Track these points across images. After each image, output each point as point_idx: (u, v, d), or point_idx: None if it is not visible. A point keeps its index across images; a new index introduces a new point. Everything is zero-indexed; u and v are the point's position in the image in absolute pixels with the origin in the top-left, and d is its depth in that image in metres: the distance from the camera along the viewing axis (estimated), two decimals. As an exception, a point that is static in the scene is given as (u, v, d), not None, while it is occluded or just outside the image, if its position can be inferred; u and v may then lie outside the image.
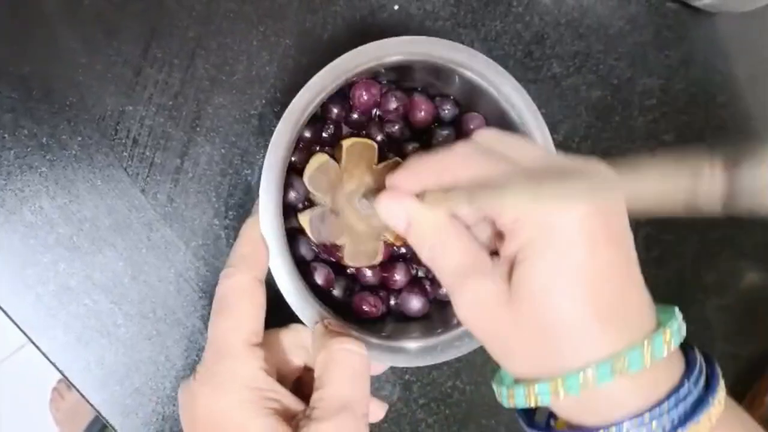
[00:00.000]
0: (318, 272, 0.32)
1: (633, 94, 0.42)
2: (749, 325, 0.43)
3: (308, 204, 0.33)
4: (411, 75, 0.34)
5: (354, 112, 0.34)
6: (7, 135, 0.35)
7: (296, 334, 0.31)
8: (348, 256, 0.33)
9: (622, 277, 0.23)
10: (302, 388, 0.31)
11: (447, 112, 0.35)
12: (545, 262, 0.23)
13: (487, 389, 0.40)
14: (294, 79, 0.37)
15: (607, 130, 0.42)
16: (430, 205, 0.26)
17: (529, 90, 0.32)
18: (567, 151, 0.41)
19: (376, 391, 0.39)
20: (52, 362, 0.35)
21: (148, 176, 0.36)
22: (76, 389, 0.35)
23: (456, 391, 0.40)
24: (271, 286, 0.30)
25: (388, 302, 0.34)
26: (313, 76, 0.30)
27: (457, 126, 0.35)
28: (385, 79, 0.35)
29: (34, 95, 0.35)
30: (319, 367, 0.28)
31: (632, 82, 0.42)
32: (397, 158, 0.34)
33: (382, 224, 0.30)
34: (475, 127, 0.34)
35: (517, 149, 0.26)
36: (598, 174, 0.22)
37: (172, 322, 0.36)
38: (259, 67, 0.37)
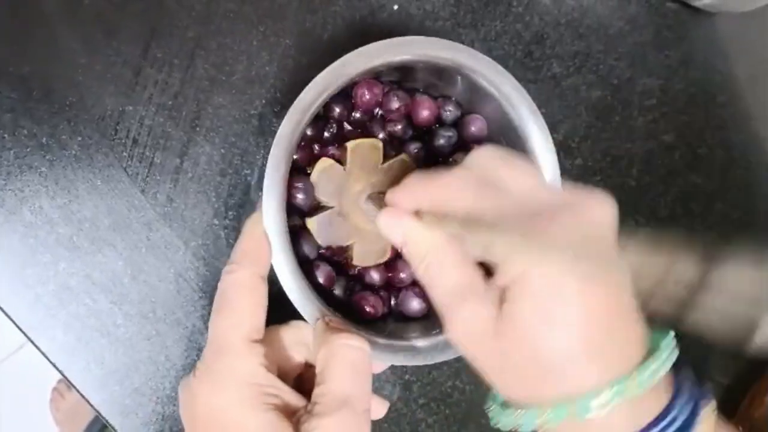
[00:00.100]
0: (319, 271, 0.32)
1: (633, 94, 0.42)
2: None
3: (315, 205, 0.33)
4: (413, 75, 0.34)
5: (356, 112, 0.34)
6: (6, 135, 0.35)
7: (297, 331, 0.31)
8: (357, 257, 0.33)
9: (611, 315, 0.24)
10: (304, 385, 0.31)
11: (449, 114, 0.35)
12: (533, 305, 0.23)
13: (487, 389, 0.40)
14: (294, 79, 0.37)
15: (606, 130, 0.42)
16: (428, 225, 0.26)
17: (529, 90, 0.32)
18: (567, 151, 0.41)
19: (377, 391, 0.39)
20: (51, 362, 0.35)
21: (147, 176, 0.36)
22: (76, 389, 0.35)
23: (456, 391, 0.40)
24: (273, 284, 0.30)
25: (388, 302, 0.34)
26: (313, 76, 0.30)
27: (459, 127, 0.35)
28: (388, 79, 0.35)
29: (34, 95, 0.35)
30: (320, 363, 0.28)
31: (632, 82, 0.42)
32: (403, 156, 0.34)
33: None
34: (477, 129, 0.34)
35: (513, 178, 0.26)
36: (591, 210, 0.24)
37: (172, 322, 0.36)
38: (259, 67, 0.37)
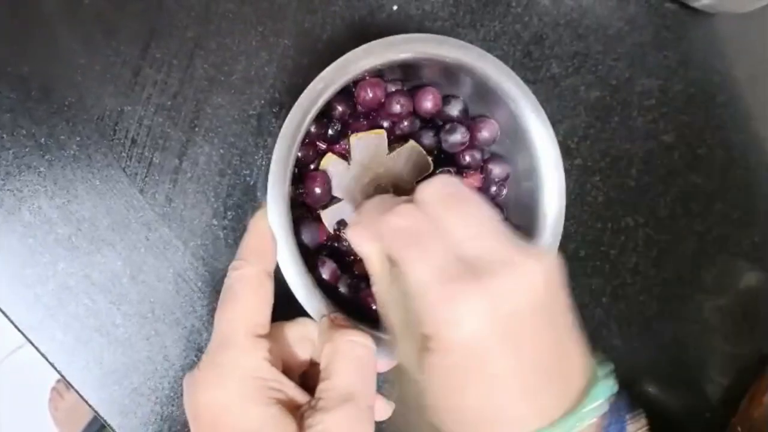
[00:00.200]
0: (324, 267, 0.32)
1: (632, 95, 0.42)
2: (747, 325, 0.43)
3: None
4: (417, 73, 0.34)
5: (358, 110, 0.35)
6: (5, 135, 0.35)
7: (303, 327, 0.31)
8: None
9: (551, 357, 0.24)
10: (309, 381, 0.31)
11: (456, 112, 0.35)
12: (451, 361, 0.23)
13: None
14: (293, 80, 0.37)
15: (606, 131, 0.42)
16: (380, 255, 0.27)
17: (528, 90, 0.32)
18: (566, 151, 0.41)
19: (378, 390, 0.39)
20: (50, 362, 0.35)
21: (146, 176, 0.36)
22: (75, 389, 0.35)
23: (455, 392, 0.40)
24: (280, 281, 0.30)
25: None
26: (313, 76, 0.30)
27: (471, 129, 0.35)
28: (391, 77, 0.35)
29: (33, 95, 0.35)
30: (324, 359, 0.28)
31: (631, 83, 0.42)
32: (411, 143, 0.34)
33: None
34: (489, 134, 0.35)
35: (458, 223, 0.25)
36: (527, 272, 0.23)
37: (171, 322, 0.36)
38: (258, 67, 0.37)
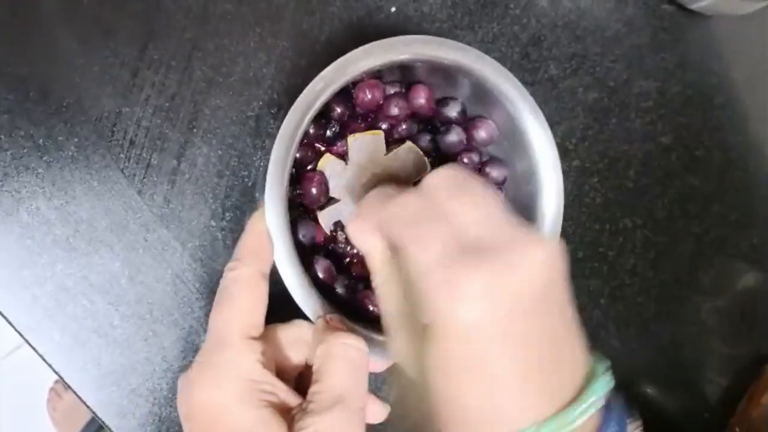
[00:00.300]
0: (318, 265, 0.32)
1: (630, 96, 0.42)
2: (745, 326, 0.44)
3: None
4: (416, 75, 0.34)
5: (357, 111, 0.35)
6: (3, 136, 0.35)
7: (298, 330, 0.31)
8: None
9: (546, 352, 0.23)
10: (303, 384, 0.31)
11: (454, 113, 0.35)
12: (446, 352, 0.23)
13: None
14: (291, 81, 0.37)
15: (604, 132, 0.42)
16: (384, 247, 0.27)
17: (526, 92, 0.32)
18: (564, 153, 0.41)
19: (374, 391, 0.39)
20: (48, 363, 0.35)
21: (144, 177, 0.36)
22: (73, 390, 0.35)
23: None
24: (277, 282, 0.30)
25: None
26: (311, 77, 0.30)
27: (469, 130, 0.35)
28: (390, 78, 0.35)
29: (31, 96, 0.35)
30: (317, 361, 0.28)
31: (629, 84, 0.42)
32: (408, 144, 0.34)
33: None
34: (487, 134, 0.35)
35: (461, 210, 0.25)
36: (529, 254, 0.22)
37: (169, 323, 0.36)
38: (256, 68, 0.37)
